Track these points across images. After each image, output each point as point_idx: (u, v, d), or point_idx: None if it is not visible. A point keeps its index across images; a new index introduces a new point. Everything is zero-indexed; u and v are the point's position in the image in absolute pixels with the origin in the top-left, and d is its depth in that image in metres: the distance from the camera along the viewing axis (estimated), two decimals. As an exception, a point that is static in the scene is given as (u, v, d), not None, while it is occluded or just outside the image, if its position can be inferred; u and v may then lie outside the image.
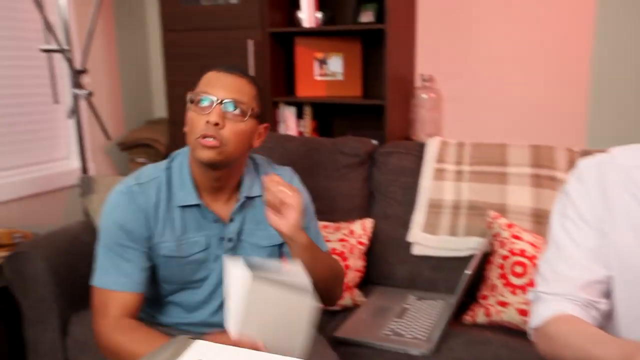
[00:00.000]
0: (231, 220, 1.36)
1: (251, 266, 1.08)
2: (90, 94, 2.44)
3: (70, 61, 2.41)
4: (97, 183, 2.02)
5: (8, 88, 2.71)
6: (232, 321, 1.06)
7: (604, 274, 1.05)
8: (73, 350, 1.84)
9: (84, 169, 2.56)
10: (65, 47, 2.41)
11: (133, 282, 1.28)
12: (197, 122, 1.24)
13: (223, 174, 1.32)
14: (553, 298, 1.06)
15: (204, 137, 1.23)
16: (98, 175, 2.07)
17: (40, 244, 1.84)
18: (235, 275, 1.07)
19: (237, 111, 1.25)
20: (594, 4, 2.46)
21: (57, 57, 2.57)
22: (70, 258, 1.86)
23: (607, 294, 1.06)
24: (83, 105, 2.56)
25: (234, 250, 1.38)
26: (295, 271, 1.13)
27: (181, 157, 1.37)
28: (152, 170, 1.36)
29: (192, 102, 1.27)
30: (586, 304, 1.04)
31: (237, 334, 1.05)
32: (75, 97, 2.46)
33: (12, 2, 2.64)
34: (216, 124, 1.22)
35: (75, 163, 3.06)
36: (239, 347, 0.97)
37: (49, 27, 2.34)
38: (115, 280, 1.27)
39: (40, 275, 1.79)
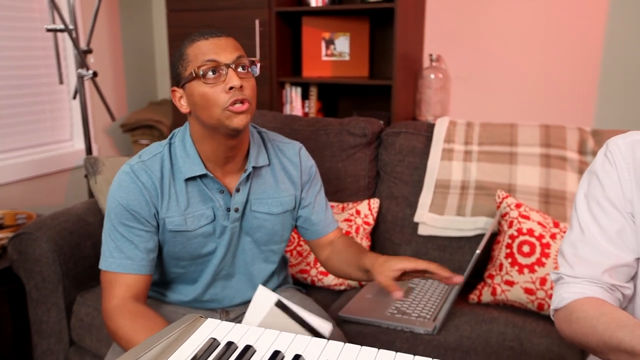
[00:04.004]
0: (237, 190, 1.34)
1: (281, 300, 1.07)
2: (95, 75, 2.42)
3: (75, 41, 2.38)
4: (102, 164, 2.01)
5: (11, 69, 2.69)
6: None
7: (631, 258, 1.01)
8: (77, 331, 1.84)
9: (89, 150, 2.55)
10: (71, 26, 2.38)
11: (138, 264, 1.27)
12: (215, 94, 1.20)
13: (239, 141, 1.30)
14: (577, 281, 1.03)
15: (234, 103, 1.20)
16: (102, 156, 2.06)
17: (44, 224, 1.83)
18: (261, 296, 1.05)
19: (248, 68, 1.25)
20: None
21: (61, 37, 2.54)
22: (74, 238, 1.86)
23: (634, 277, 1.03)
24: (87, 86, 2.54)
25: (241, 221, 1.37)
26: (321, 322, 1.09)
27: (181, 133, 1.35)
28: (155, 147, 1.35)
29: (197, 76, 1.21)
30: (611, 287, 1.02)
31: None
32: (81, 78, 2.44)
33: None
34: (241, 87, 1.20)
35: (78, 144, 3.06)
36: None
37: (54, 6, 2.31)
38: (119, 263, 1.26)
39: (44, 255, 1.79)
